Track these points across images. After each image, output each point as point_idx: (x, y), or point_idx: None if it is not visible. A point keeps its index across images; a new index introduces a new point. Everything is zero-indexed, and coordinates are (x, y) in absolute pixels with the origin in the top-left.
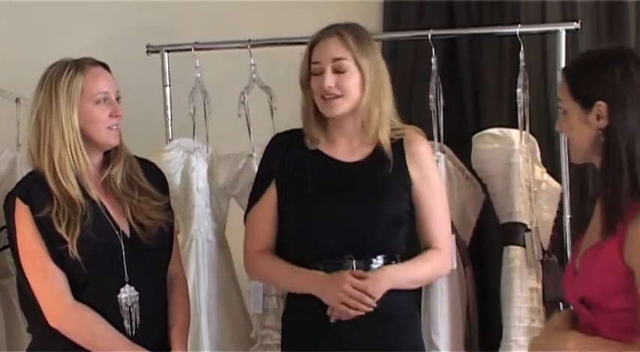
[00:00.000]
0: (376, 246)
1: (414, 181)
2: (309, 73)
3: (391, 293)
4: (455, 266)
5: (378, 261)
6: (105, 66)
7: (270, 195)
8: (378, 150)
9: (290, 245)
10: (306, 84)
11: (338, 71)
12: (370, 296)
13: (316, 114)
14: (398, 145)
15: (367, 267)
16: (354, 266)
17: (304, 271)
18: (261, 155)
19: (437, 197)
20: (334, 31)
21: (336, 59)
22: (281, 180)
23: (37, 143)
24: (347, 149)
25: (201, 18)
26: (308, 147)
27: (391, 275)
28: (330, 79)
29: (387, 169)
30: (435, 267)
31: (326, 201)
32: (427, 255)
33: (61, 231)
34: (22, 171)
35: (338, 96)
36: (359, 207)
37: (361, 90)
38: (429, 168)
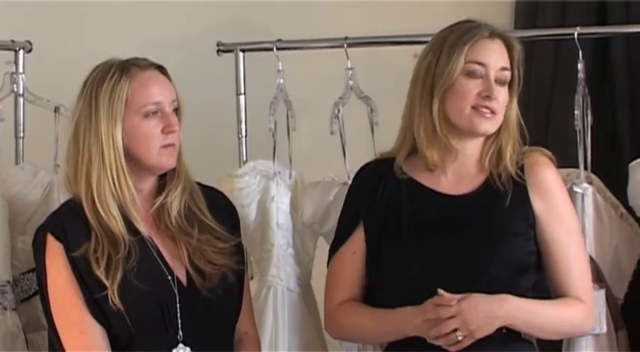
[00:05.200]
0: None
1: (539, 215)
2: (456, 73)
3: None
4: (604, 329)
5: None
6: (161, 68)
7: (358, 238)
8: (491, 179)
9: (383, 300)
10: (448, 87)
11: (498, 83)
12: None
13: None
14: (517, 172)
15: None
16: None
17: (397, 310)
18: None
19: (570, 234)
20: (496, 33)
21: (502, 68)
22: (371, 220)
23: (75, 164)
24: (454, 179)
25: (284, 11)
26: (415, 179)
27: (509, 300)
28: (497, 91)
29: (504, 202)
30: (572, 318)
31: (429, 246)
32: (565, 300)
33: (100, 273)
34: (61, 197)
35: (494, 113)
36: (471, 251)
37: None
38: (558, 199)
